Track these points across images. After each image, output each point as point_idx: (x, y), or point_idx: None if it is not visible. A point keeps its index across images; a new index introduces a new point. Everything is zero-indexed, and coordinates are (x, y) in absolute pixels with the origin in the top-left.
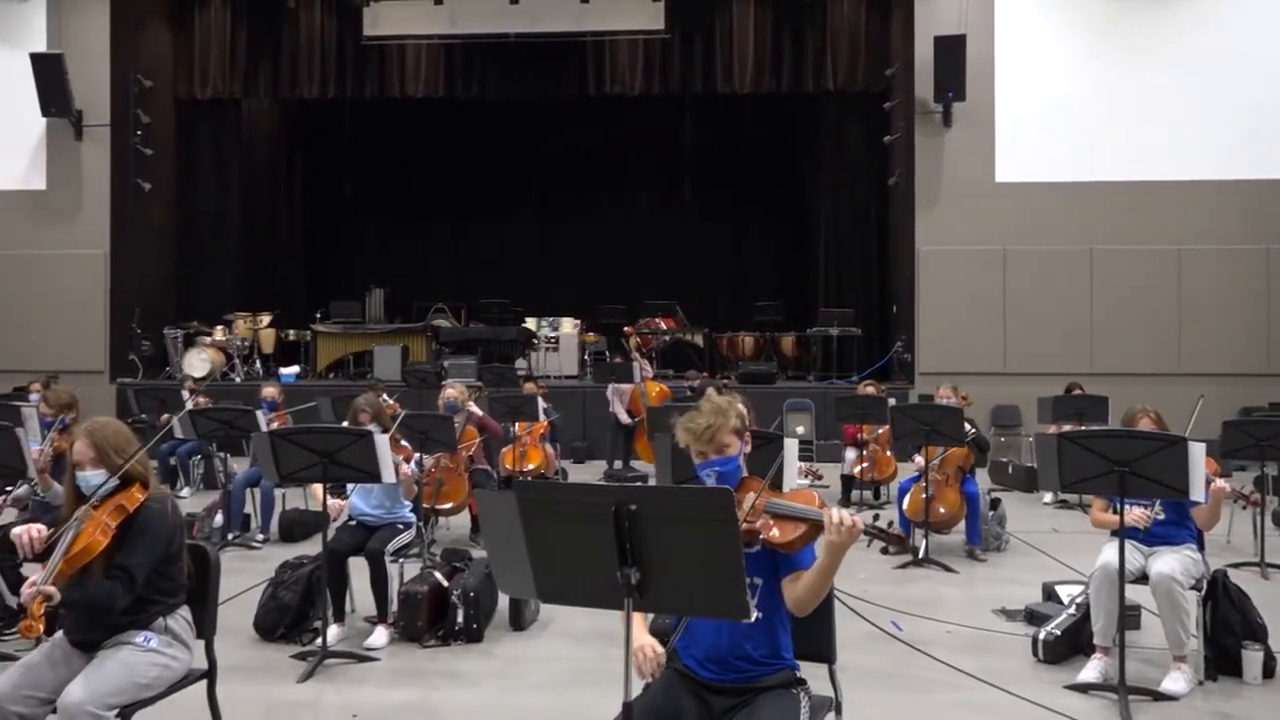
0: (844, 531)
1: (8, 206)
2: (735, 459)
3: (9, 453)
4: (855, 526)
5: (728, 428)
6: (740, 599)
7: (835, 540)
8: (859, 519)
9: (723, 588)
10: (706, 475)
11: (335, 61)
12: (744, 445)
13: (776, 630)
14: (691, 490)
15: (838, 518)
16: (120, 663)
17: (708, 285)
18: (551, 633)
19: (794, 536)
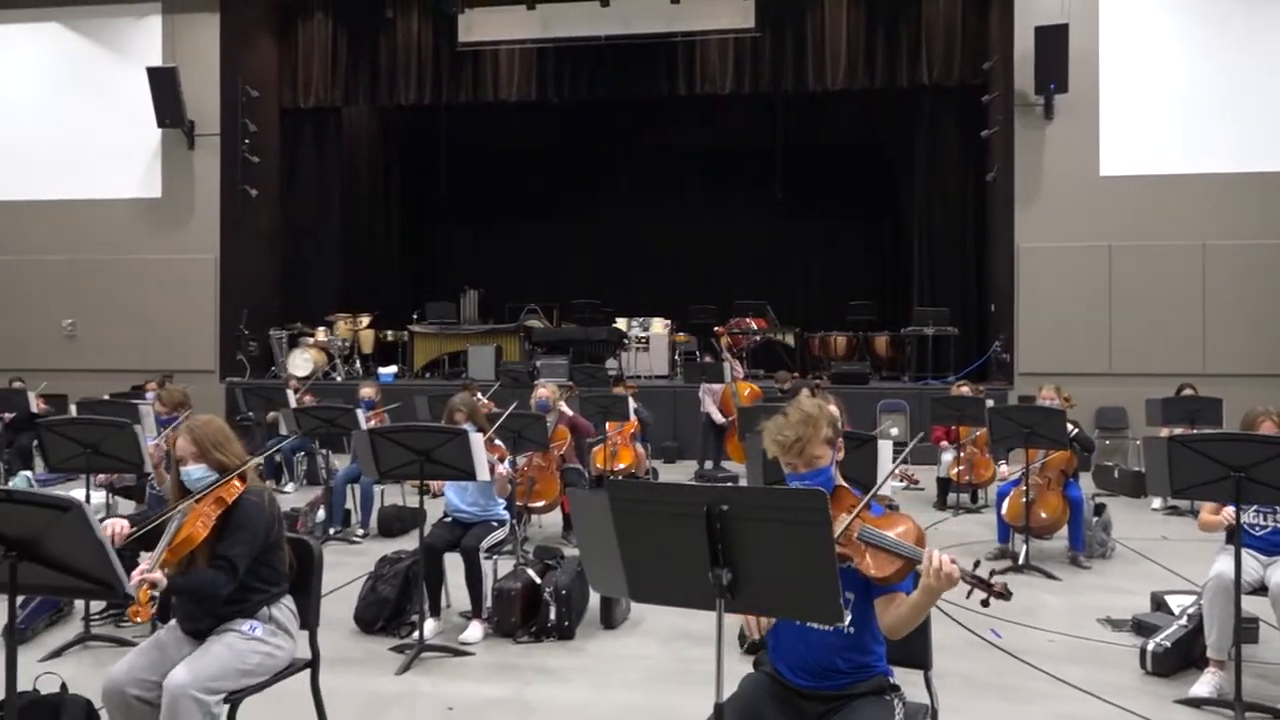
0: (940, 578)
1: (126, 214)
2: (826, 471)
3: (128, 448)
4: (952, 575)
5: (818, 439)
6: (833, 602)
7: (930, 584)
8: (956, 567)
9: (815, 591)
10: (795, 486)
11: (431, 68)
12: (836, 453)
13: (867, 643)
14: (784, 491)
15: (936, 562)
16: (225, 648)
17: (799, 285)
18: (642, 631)
19: (889, 572)
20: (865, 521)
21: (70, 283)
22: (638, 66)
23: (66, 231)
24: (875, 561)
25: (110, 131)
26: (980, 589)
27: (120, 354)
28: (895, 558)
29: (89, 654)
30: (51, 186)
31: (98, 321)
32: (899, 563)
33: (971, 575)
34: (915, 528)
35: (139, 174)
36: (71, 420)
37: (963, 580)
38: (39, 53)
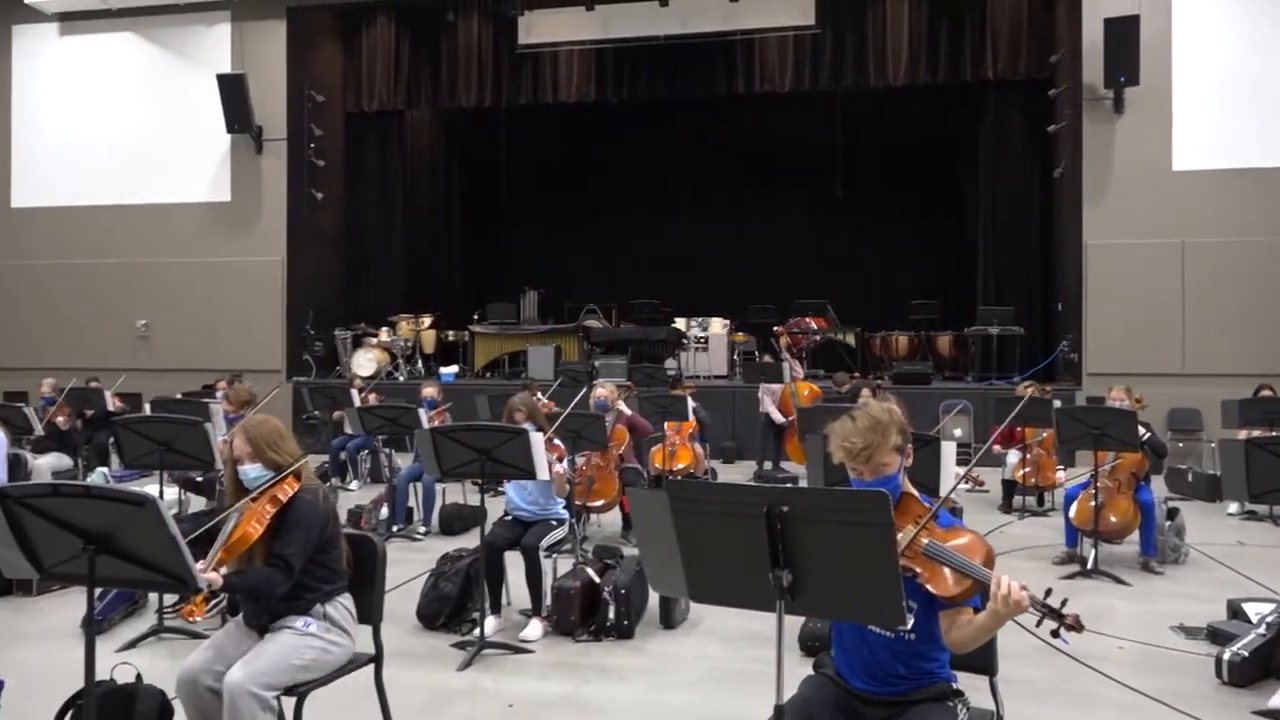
0: (1009, 605)
1: (197, 217)
2: (894, 478)
3: (199, 445)
4: (1021, 604)
5: (887, 446)
6: (896, 606)
7: (998, 610)
8: (1026, 595)
9: (877, 594)
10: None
11: (492, 70)
12: (904, 460)
13: (930, 649)
14: (846, 493)
15: (1005, 589)
16: (279, 645)
17: (859, 284)
18: (701, 632)
19: (956, 591)
20: (932, 534)
21: (144, 285)
22: (696, 66)
23: (140, 235)
24: (941, 579)
25: (182, 137)
26: (1051, 619)
27: (191, 354)
28: (963, 577)
29: (162, 645)
30: (126, 191)
31: (170, 322)
32: (966, 583)
33: (1042, 604)
34: (984, 544)
35: (209, 178)
36: (146, 418)
37: (1033, 608)
38: (115, 62)
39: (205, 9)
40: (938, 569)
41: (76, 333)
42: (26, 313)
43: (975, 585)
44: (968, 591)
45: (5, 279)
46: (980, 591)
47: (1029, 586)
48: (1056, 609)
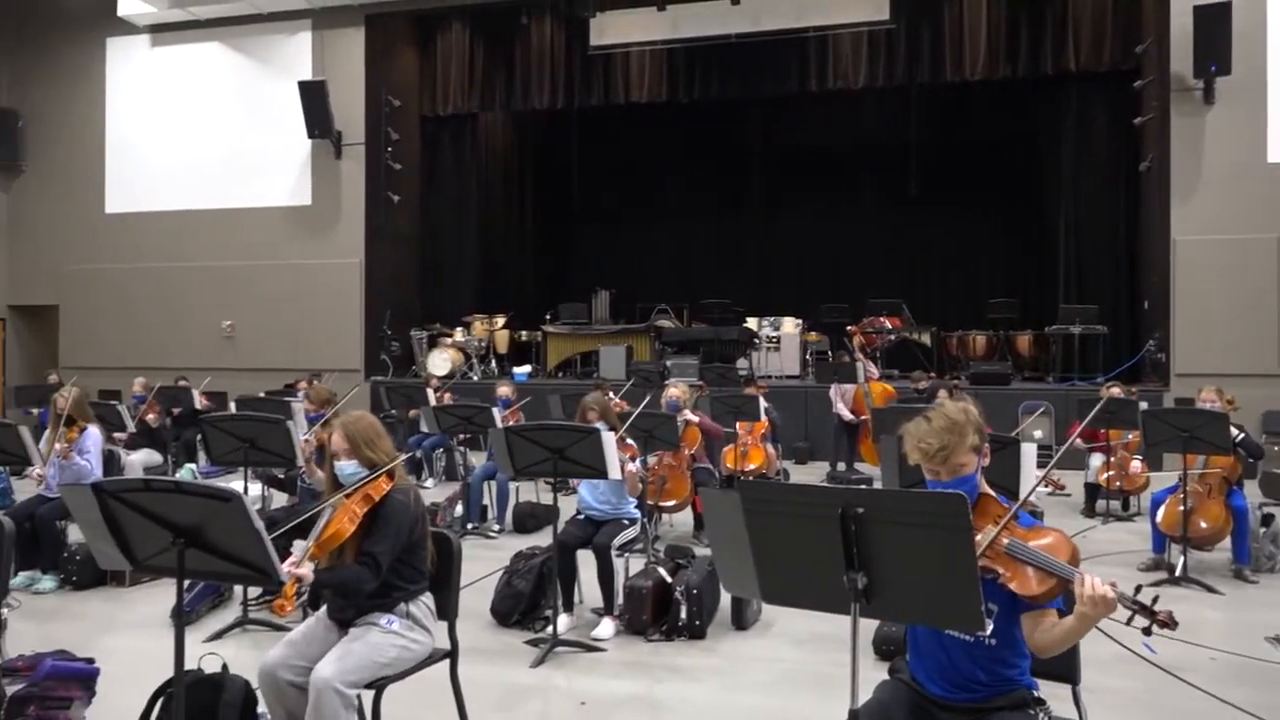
0: (1096, 604)
1: (279, 221)
2: (971, 479)
3: (282, 443)
4: (1109, 601)
5: (964, 447)
6: (974, 611)
7: (1086, 610)
8: (1115, 592)
9: (955, 598)
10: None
11: (564, 72)
12: (981, 460)
13: (1011, 655)
14: (922, 494)
15: (1090, 587)
16: (365, 643)
17: (935, 282)
18: (774, 634)
19: (1039, 590)
20: (1013, 534)
21: (229, 287)
22: (768, 64)
23: (226, 238)
24: (1024, 578)
25: (265, 143)
26: (1143, 615)
27: (274, 354)
28: (1046, 576)
29: (247, 637)
30: (213, 196)
31: (254, 323)
32: (1050, 582)
33: (1133, 600)
34: (1068, 542)
35: (291, 183)
36: (231, 416)
37: (1122, 605)
38: (202, 72)
39: (287, 18)
40: (1020, 568)
41: (166, 333)
42: (120, 314)
43: (1060, 584)
44: (1052, 591)
45: (101, 282)
46: (1065, 592)
47: (1117, 584)
48: (1148, 605)
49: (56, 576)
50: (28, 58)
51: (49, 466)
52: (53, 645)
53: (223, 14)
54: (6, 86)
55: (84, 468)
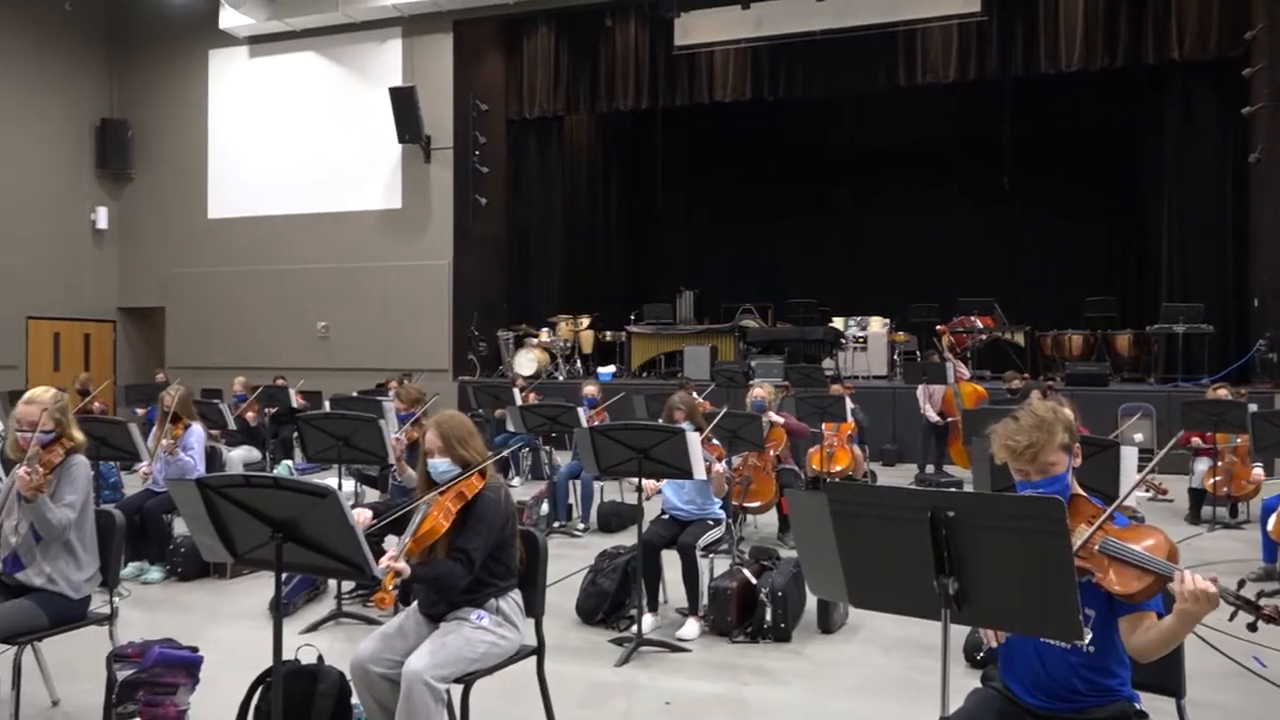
0: (1197, 600)
1: (371, 224)
2: (1062, 478)
3: (374, 441)
4: (1210, 596)
5: (1053, 445)
6: (1071, 619)
7: (1186, 608)
8: (1215, 587)
9: (1051, 605)
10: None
11: (648, 73)
12: (1072, 460)
13: (1110, 664)
14: (1016, 499)
15: (1190, 583)
16: (456, 638)
17: (1029, 280)
18: (862, 638)
19: (1135, 588)
20: (1108, 533)
21: (324, 289)
22: (854, 59)
23: (321, 242)
24: (1119, 576)
25: (358, 148)
26: (1247, 611)
27: (366, 354)
28: (1143, 573)
29: (341, 630)
30: (308, 201)
31: (347, 324)
32: (1147, 579)
33: (1235, 595)
34: (1166, 541)
35: (382, 187)
36: (326, 415)
37: (1224, 601)
38: (298, 80)
39: (378, 26)
40: (1115, 566)
41: (265, 334)
42: (221, 316)
43: (1157, 582)
44: (1149, 589)
45: (203, 285)
46: (1163, 591)
47: (1219, 578)
48: (1253, 601)
49: (163, 568)
50: (135, 72)
51: (155, 462)
52: (160, 633)
53: (317, 24)
54: (116, 99)
55: (188, 463)
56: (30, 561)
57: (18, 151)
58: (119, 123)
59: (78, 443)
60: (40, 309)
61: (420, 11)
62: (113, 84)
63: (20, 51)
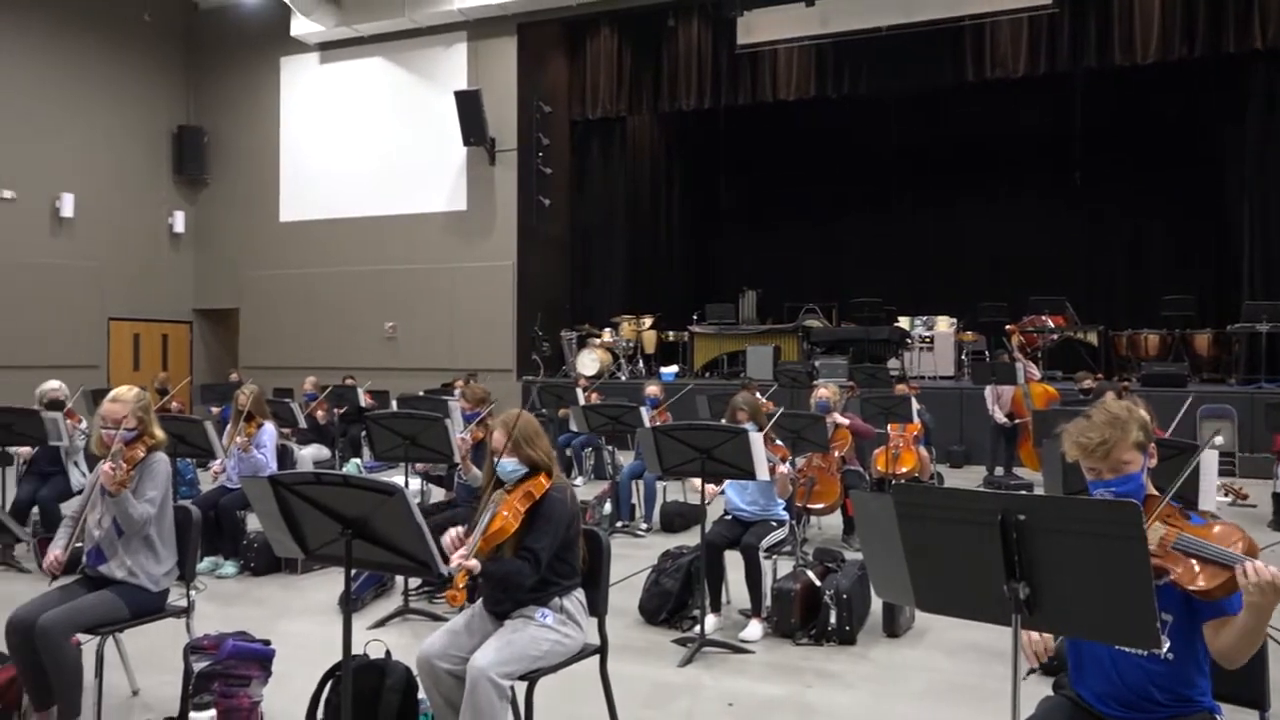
0: (1262, 590)
1: (438, 226)
2: (1136, 477)
3: (440, 440)
4: (1276, 582)
5: (1127, 442)
6: (1148, 627)
7: (1255, 600)
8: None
9: (1127, 613)
10: (1100, 495)
11: (711, 72)
12: (1148, 460)
13: (1190, 673)
14: (1090, 502)
15: (1254, 574)
16: (520, 636)
17: (1102, 278)
18: (928, 642)
19: (1213, 584)
20: (1183, 529)
21: (391, 290)
22: (921, 55)
23: (388, 244)
24: (1195, 572)
25: (424, 151)
26: None
27: (432, 354)
28: (1219, 569)
29: (407, 626)
30: (376, 204)
31: (414, 324)
32: (1224, 574)
33: None
34: (1244, 536)
35: (448, 189)
36: (393, 414)
37: None
38: (366, 85)
39: (444, 30)
40: (1190, 562)
41: (334, 335)
42: (292, 317)
43: (1233, 577)
44: (1227, 585)
45: (274, 287)
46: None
47: None
48: None
49: (237, 562)
50: (211, 80)
51: (229, 459)
52: (234, 626)
53: (384, 30)
54: (192, 107)
55: (261, 461)
56: (112, 554)
57: (100, 159)
58: (195, 129)
59: (158, 440)
60: (121, 310)
61: (485, 15)
62: (189, 92)
63: (102, 62)
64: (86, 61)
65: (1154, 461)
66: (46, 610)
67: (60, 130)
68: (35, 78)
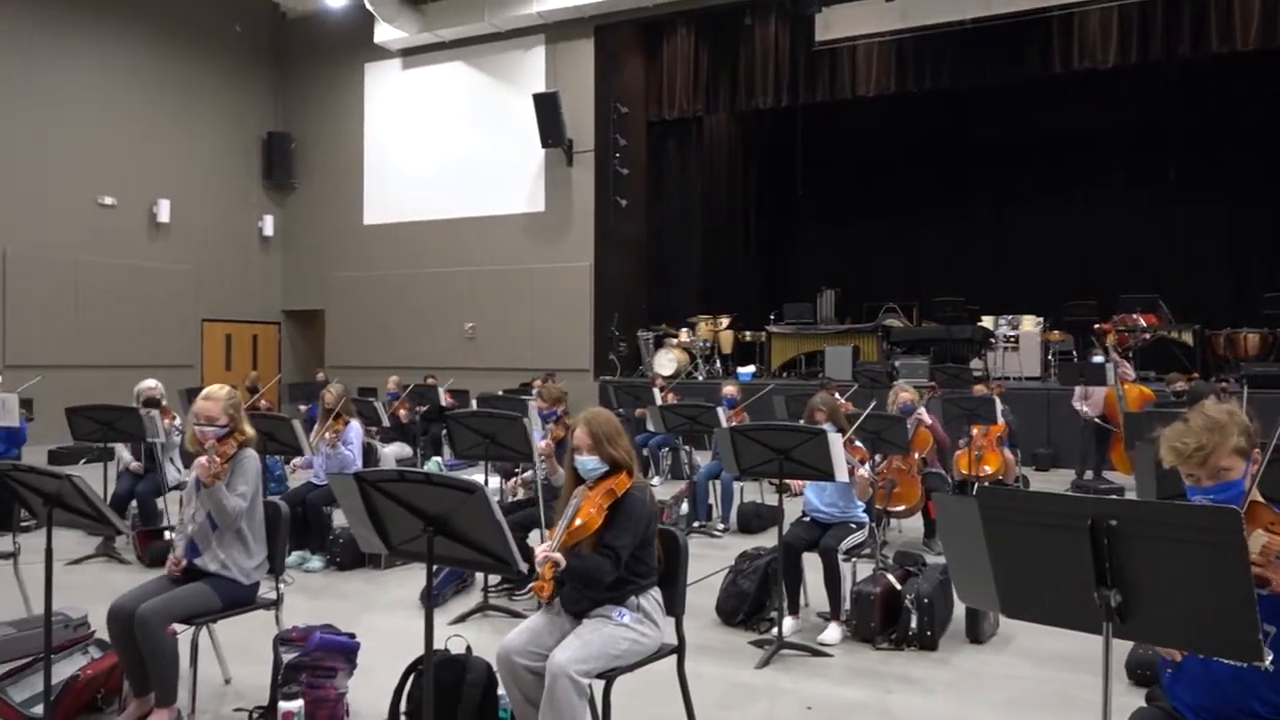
0: None
1: (516, 228)
2: (1237, 484)
3: (519, 439)
4: None
5: (1227, 448)
6: (1249, 639)
7: None
8: None
9: (1225, 624)
10: (1197, 501)
11: (788, 70)
12: (1250, 465)
13: None
14: (1188, 508)
15: None
16: (599, 634)
17: (1198, 275)
18: (1014, 650)
19: None
20: None
21: (471, 291)
22: (1005, 48)
23: (468, 245)
24: None
25: (503, 154)
26: None
27: (511, 354)
28: None
29: (487, 622)
30: (456, 206)
31: (493, 325)
32: None
33: None
34: None
35: (526, 191)
36: (473, 413)
37: None
38: (447, 90)
39: (523, 34)
40: None
41: (416, 335)
42: (376, 318)
43: None
44: None
45: (359, 289)
46: None
47: None
48: None
49: (323, 557)
50: (298, 87)
51: (316, 456)
52: (320, 619)
53: (465, 34)
54: (280, 113)
55: (347, 458)
56: (206, 548)
57: (194, 165)
58: (283, 135)
59: (249, 437)
60: (214, 312)
61: (563, 18)
62: (277, 99)
63: (196, 73)
64: (181, 72)
65: (1257, 468)
66: (145, 600)
67: (158, 139)
68: (133, 90)
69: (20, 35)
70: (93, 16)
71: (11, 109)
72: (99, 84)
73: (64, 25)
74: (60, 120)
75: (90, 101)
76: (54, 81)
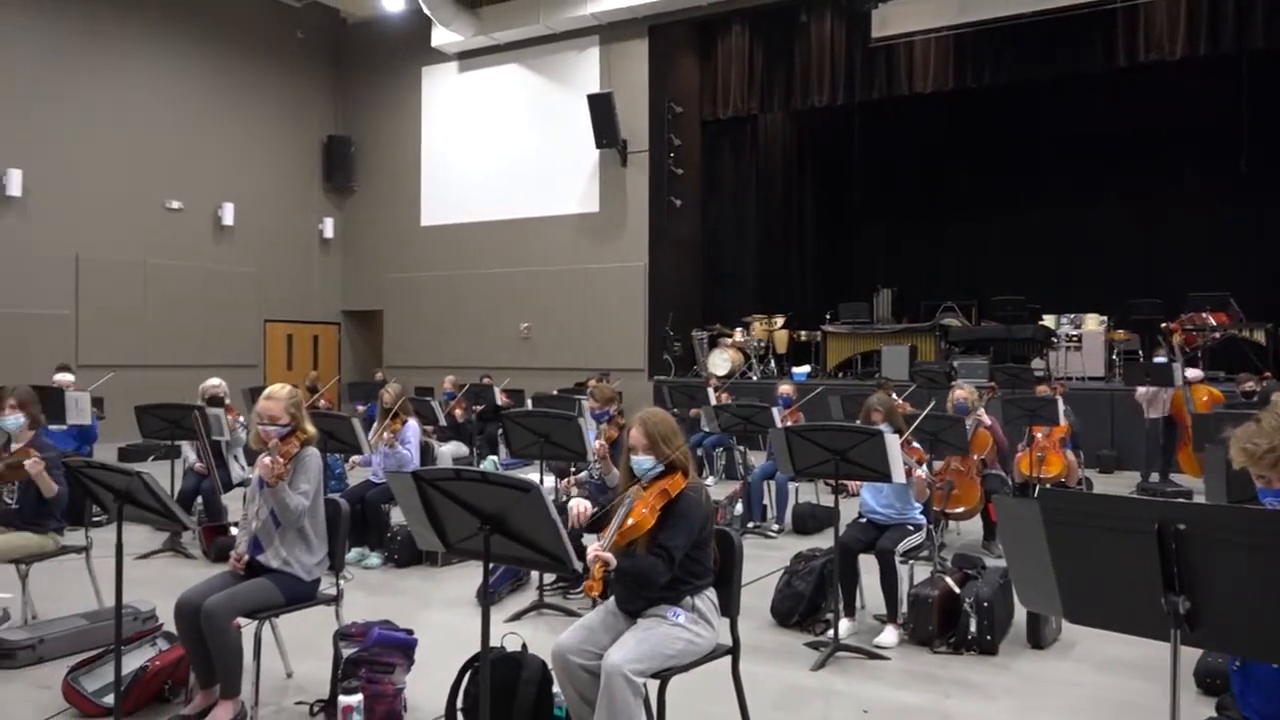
0: None
1: (570, 228)
2: None
3: (573, 438)
4: None
5: None
6: None
7: None
8: None
9: None
10: (1270, 504)
11: (844, 67)
12: None
13: None
14: (1256, 512)
15: None
16: (654, 634)
17: (1270, 273)
18: (1076, 655)
19: None
20: None
21: (526, 291)
22: (1068, 41)
23: (523, 246)
24: None
25: (558, 155)
26: None
27: (565, 353)
28: None
29: (542, 620)
30: (512, 207)
31: (547, 325)
32: None
33: None
34: None
35: (580, 191)
36: (528, 412)
37: None
38: (502, 92)
39: (577, 35)
40: None
41: (472, 335)
42: (433, 318)
43: None
44: None
45: (417, 289)
46: None
47: None
48: None
49: (382, 554)
50: (357, 91)
51: (375, 454)
52: (379, 615)
53: (520, 37)
54: (340, 117)
55: (405, 456)
56: (269, 544)
57: (257, 168)
58: (343, 139)
59: (310, 436)
60: (276, 313)
61: (617, 19)
62: (337, 103)
63: (259, 78)
64: (245, 78)
65: None
66: (210, 595)
67: (222, 144)
68: (198, 96)
69: (90, 46)
70: (159, 27)
71: (82, 118)
72: (165, 92)
73: (131, 36)
74: (129, 127)
75: (157, 109)
76: (122, 90)
